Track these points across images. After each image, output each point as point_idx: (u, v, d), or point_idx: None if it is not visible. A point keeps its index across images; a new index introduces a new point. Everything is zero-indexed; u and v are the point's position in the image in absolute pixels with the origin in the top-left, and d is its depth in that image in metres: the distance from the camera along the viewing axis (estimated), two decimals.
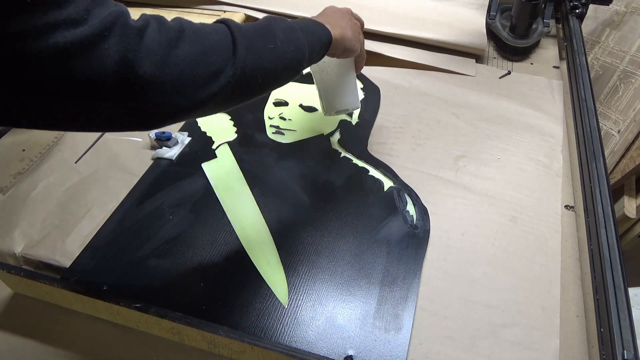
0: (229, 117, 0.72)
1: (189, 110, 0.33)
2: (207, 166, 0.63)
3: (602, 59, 1.08)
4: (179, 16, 0.34)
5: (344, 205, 0.57)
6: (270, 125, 0.70)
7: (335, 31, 0.47)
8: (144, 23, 0.30)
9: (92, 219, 0.56)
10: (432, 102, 0.75)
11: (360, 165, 0.63)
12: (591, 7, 0.96)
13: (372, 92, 0.77)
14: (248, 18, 0.89)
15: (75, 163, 0.64)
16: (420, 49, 0.86)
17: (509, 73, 0.82)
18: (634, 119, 0.98)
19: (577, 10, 0.92)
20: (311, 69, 0.60)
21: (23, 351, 0.45)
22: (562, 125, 0.71)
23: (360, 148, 0.66)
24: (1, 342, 0.46)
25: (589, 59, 1.07)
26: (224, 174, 0.61)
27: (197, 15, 0.91)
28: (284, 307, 0.47)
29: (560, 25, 0.99)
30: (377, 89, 0.77)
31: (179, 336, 0.44)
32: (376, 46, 0.84)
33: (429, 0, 0.96)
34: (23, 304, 0.49)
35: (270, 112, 0.72)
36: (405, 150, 0.66)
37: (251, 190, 0.59)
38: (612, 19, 1.07)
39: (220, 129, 0.69)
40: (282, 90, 0.77)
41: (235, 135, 0.68)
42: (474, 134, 0.69)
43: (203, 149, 0.66)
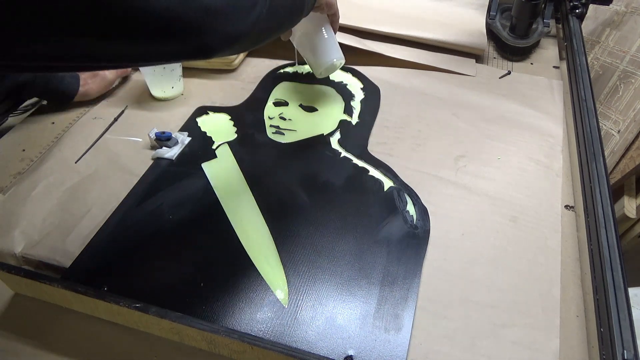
0: (229, 117, 0.72)
1: (233, 39, 0.36)
2: (207, 166, 0.63)
3: (602, 59, 1.08)
4: None
5: (344, 205, 0.57)
6: (270, 125, 0.70)
7: None
8: None
9: (92, 219, 0.56)
10: (432, 102, 0.75)
11: (360, 165, 0.63)
12: (591, 7, 0.96)
13: (372, 92, 0.77)
14: None
15: (75, 163, 0.64)
16: (420, 49, 0.86)
17: (509, 73, 0.82)
18: (634, 119, 0.98)
19: (577, 10, 0.92)
20: (293, 35, 0.69)
21: (23, 351, 0.45)
22: (562, 125, 0.71)
23: (360, 148, 0.66)
24: (1, 342, 0.46)
25: (589, 59, 1.07)
26: (224, 174, 0.61)
27: None
28: (284, 307, 0.47)
29: (560, 25, 0.99)
30: (377, 89, 0.77)
31: (179, 336, 0.44)
32: (376, 46, 0.84)
33: (429, 0, 0.96)
34: (23, 304, 0.49)
35: (270, 112, 0.73)
36: (405, 150, 0.66)
37: (251, 190, 0.59)
38: (612, 19, 1.07)
39: (220, 129, 0.69)
40: (282, 90, 0.77)
41: (235, 135, 0.68)
42: (474, 134, 0.69)
43: (203, 149, 0.66)
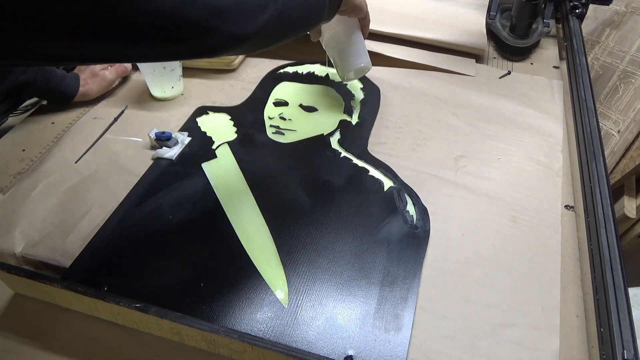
0: (229, 117, 0.72)
1: (239, 40, 0.36)
2: (207, 166, 0.63)
3: (602, 59, 1.08)
4: None
5: (344, 205, 0.57)
6: (270, 125, 0.70)
7: None
8: None
9: (92, 219, 0.56)
10: (432, 102, 0.75)
11: (360, 165, 0.63)
12: (591, 7, 0.96)
13: (372, 92, 0.77)
14: None
15: (75, 163, 0.64)
16: (420, 49, 0.86)
17: (509, 73, 0.82)
18: (634, 119, 0.98)
19: (577, 10, 0.92)
20: (322, 36, 0.67)
21: (23, 351, 0.45)
22: (562, 125, 0.71)
23: (360, 148, 0.66)
24: (1, 342, 0.46)
25: (589, 59, 1.07)
26: (224, 174, 0.61)
27: None
28: (284, 307, 0.47)
29: (560, 25, 0.99)
30: (377, 89, 0.77)
31: (179, 336, 0.44)
32: (376, 46, 0.84)
33: (429, 0, 0.96)
34: (23, 304, 0.49)
35: (270, 112, 0.73)
36: (405, 150, 0.66)
37: (251, 190, 0.59)
38: (612, 19, 1.07)
39: (220, 129, 0.69)
40: (282, 90, 0.77)
41: (235, 135, 0.68)
42: (474, 134, 0.69)
43: (203, 149, 0.66)
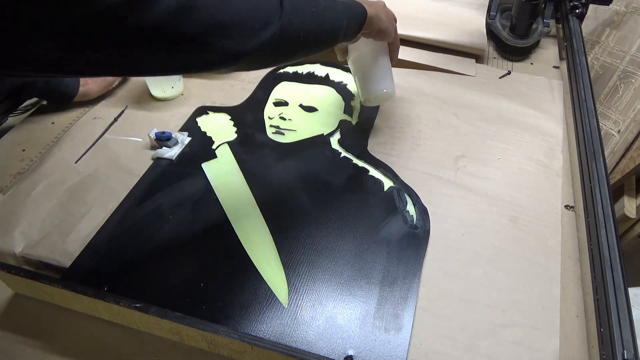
0: (229, 117, 0.72)
1: (236, 57, 0.35)
2: (207, 166, 0.63)
3: (602, 59, 1.08)
4: None
5: (344, 205, 0.57)
6: (270, 125, 0.70)
7: (370, 10, 0.52)
8: None
9: (92, 219, 0.56)
10: (432, 102, 0.75)
11: (360, 165, 0.63)
12: (591, 7, 0.96)
13: None
14: None
15: (75, 163, 0.64)
16: (420, 49, 0.86)
17: (509, 73, 0.82)
18: (634, 119, 0.98)
19: (577, 10, 0.92)
20: (349, 56, 0.65)
21: (23, 351, 0.45)
22: (562, 125, 0.71)
23: (360, 148, 0.66)
24: (1, 342, 0.46)
25: (589, 59, 1.07)
26: (224, 174, 0.61)
27: None
28: (284, 307, 0.47)
29: (560, 25, 0.99)
30: None
31: (179, 336, 0.44)
32: None
33: (429, 0, 0.96)
34: (23, 304, 0.49)
35: (270, 112, 0.73)
36: (405, 150, 0.66)
37: (251, 190, 0.59)
38: (612, 19, 1.07)
39: (220, 129, 0.69)
40: (282, 90, 0.77)
41: (235, 135, 0.68)
42: (474, 134, 0.69)
43: (203, 149, 0.66)
